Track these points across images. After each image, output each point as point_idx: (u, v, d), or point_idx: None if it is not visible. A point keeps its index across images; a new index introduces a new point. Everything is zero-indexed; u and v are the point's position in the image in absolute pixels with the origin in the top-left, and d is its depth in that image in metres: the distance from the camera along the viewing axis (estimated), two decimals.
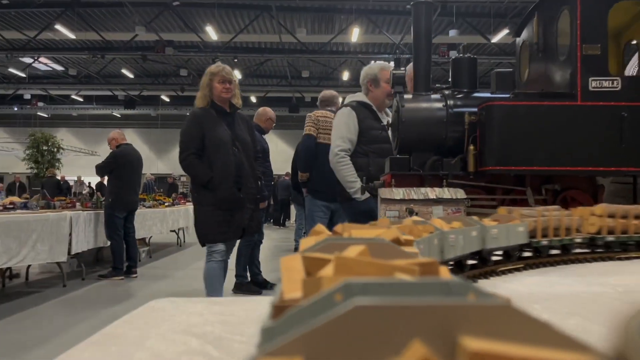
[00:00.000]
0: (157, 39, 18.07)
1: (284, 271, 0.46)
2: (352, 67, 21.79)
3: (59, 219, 5.71)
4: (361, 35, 17.47)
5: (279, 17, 16.69)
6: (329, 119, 4.52)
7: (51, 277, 6.84)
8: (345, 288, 0.33)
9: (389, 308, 0.29)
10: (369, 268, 0.42)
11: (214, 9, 16.05)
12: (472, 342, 0.27)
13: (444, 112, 2.39)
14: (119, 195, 6.61)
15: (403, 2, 14.69)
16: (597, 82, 2.15)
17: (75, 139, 28.61)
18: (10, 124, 28.37)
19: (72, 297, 5.79)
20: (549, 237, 1.45)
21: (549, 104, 2.20)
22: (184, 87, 21.98)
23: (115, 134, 6.92)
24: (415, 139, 2.41)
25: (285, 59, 19.85)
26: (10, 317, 4.89)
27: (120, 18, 17.52)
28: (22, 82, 23.22)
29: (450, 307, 0.29)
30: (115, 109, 26.67)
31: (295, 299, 0.39)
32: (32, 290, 6.11)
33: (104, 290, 6.19)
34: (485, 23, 17.17)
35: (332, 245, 0.56)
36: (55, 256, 5.62)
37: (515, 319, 0.29)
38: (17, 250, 4.95)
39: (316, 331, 0.28)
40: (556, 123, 2.19)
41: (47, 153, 21.23)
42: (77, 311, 5.20)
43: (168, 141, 27.21)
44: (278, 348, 0.28)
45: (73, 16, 16.66)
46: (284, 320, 0.33)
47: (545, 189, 2.32)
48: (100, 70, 22.00)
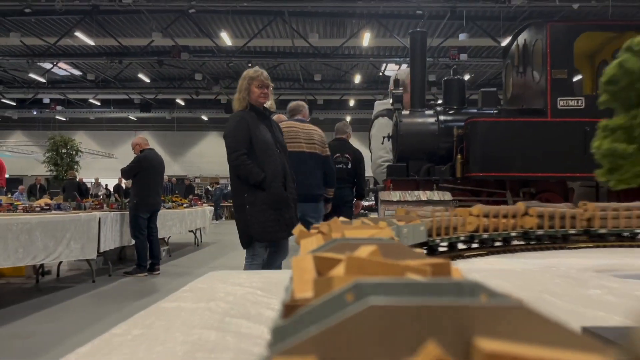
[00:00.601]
0: (172, 44, 18.62)
1: (295, 271, 0.47)
2: (364, 70, 22.16)
3: (89, 219, 6.21)
4: (372, 39, 17.87)
5: (291, 21, 17.15)
6: (295, 129, 4.70)
7: (79, 273, 7.35)
8: (356, 288, 0.33)
9: (403, 308, 0.29)
10: (380, 268, 0.42)
11: (228, 15, 16.55)
12: (486, 342, 0.27)
13: (436, 126, 2.80)
14: (142, 197, 7.09)
15: (413, 7, 15.08)
16: (564, 101, 2.54)
17: (92, 141, 29.33)
18: (29, 127, 29.22)
19: (101, 292, 6.27)
20: (441, 235, 1.78)
21: (524, 120, 2.60)
22: (199, 91, 22.51)
23: (138, 140, 7.41)
24: (411, 150, 2.83)
25: (298, 63, 20.28)
26: (46, 310, 5.36)
27: (137, 24, 18.10)
28: (41, 87, 23.96)
29: (464, 308, 0.29)
30: (131, 112, 27.33)
31: (306, 298, 0.39)
32: (63, 285, 6.60)
33: (130, 285, 6.67)
34: (496, 26, 17.46)
35: (342, 245, 0.57)
36: (86, 253, 6.11)
37: (529, 319, 0.29)
38: (54, 247, 5.44)
39: (330, 331, 0.28)
40: (530, 136, 2.59)
41: (67, 156, 21.88)
42: (107, 304, 5.67)
43: (183, 144, 27.79)
44: (291, 347, 0.28)
45: (92, 23, 17.27)
46: (295, 320, 0.33)
47: (522, 192, 2.72)
48: (117, 74, 22.66)
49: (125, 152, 30.37)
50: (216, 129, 30.73)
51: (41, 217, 5.26)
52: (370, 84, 24.33)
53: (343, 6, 15.67)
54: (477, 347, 0.27)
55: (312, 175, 4.40)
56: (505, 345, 0.26)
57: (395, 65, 20.18)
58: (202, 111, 27.50)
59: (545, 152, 2.60)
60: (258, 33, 17.96)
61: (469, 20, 16.91)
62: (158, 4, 15.03)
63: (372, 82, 24.08)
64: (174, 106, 26.95)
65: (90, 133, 30.03)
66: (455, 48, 18.30)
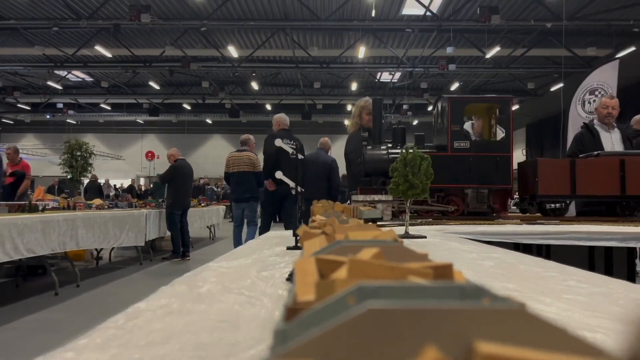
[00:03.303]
0: (182, 54, 20.59)
1: (297, 273, 0.47)
2: (360, 78, 24.11)
3: (140, 215, 8.21)
4: (367, 50, 19.85)
5: (292, 35, 19.13)
6: (238, 158, 8.01)
7: (126, 259, 9.36)
8: (358, 291, 0.33)
9: (402, 312, 0.29)
10: (383, 271, 0.43)
11: (235, 29, 18.52)
12: (486, 346, 0.27)
13: (387, 156, 4.77)
14: (176, 198, 9.10)
15: (403, 25, 17.06)
16: (457, 143, 4.52)
17: (101, 144, 31.35)
18: (42, 130, 31.28)
19: (148, 272, 8.28)
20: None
21: (436, 154, 4.58)
22: (205, 97, 24.49)
23: (173, 151, 9.41)
24: (372, 170, 4.80)
25: (298, 72, 22.23)
26: (116, 281, 7.34)
27: (150, 37, 20.08)
28: (55, 92, 25.97)
29: (465, 311, 0.30)
30: (140, 116, 29.33)
31: (309, 301, 0.40)
32: (117, 267, 8.61)
33: (168, 267, 8.68)
34: (482, 38, 19.40)
35: (345, 247, 0.58)
36: (138, 241, 8.12)
37: (530, 323, 0.29)
38: (119, 235, 7.46)
39: (329, 334, 0.29)
40: (441, 163, 4.57)
41: (81, 158, 23.85)
42: (154, 279, 7.67)
43: (189, 146, 29.72)
44: (291, 351, 0.29)
45: (109, 37, 19.24)
46: (297, 323, 0.33)
47: (437, 195, 4.70)
48: (128, 80, 24.66)
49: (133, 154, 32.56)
50: (220, 131, 32.77)
51: (113, 213, 7.28)
52: (367, 90, 26.33)
53: (340, 25, 17.60)
54: (477, 350, 0.27)
55: (248, 183, 7.88)
56: (505, 348, 0.27)
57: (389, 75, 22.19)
58: (206, 115, 29.49)
59: (449, 172, 4.60)
60: (262, 45, 19.93)
61: (456, 33, 18.85)
62: (173, 22, 17.00)
63: (368, 87, 26.08)
64: (180, 110, 28.94)
65: (99, 135, 32.05)
66: (445, 59, 20.22)
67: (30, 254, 5.19)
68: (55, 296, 5.97)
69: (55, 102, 27.47)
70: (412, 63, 20.94)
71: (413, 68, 20.81)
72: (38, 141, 31.48)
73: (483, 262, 1.70)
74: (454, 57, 20.70)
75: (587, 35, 18.04)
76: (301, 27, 18.66)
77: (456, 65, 20.33)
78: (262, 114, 29.23)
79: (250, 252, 1.98)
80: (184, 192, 9.22)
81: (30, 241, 5.13)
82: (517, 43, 19.19)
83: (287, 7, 16.93)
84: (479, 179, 4.60)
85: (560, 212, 4.78)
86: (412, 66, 20.76)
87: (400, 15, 17.42)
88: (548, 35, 17.58)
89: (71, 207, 6.65)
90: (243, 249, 2.17)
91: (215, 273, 1.42)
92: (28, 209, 5.49)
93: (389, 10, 17.25)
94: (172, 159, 9.33)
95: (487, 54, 19.26)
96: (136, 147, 33.02)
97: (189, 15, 17.24)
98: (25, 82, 25.35)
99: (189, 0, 16.29)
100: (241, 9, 17.06)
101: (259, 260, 1.73)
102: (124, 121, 30.83)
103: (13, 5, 16.57)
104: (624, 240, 3.62)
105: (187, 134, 31.70)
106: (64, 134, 28.13)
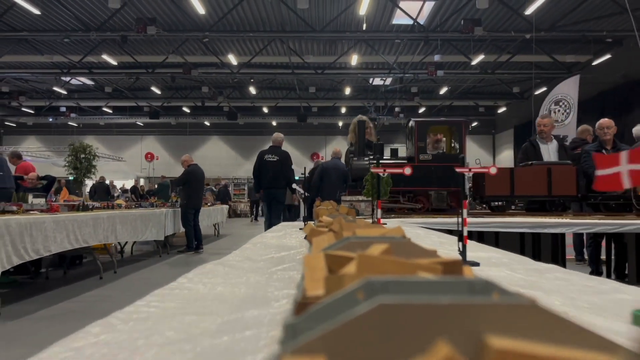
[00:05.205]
0: (183, 61, 21.96)
1: (306, 268, 0.48)
2: (354, 82, 25.56)
3: (160, 213, 9.64)
4: (360, 57, 21.29)
5: (289, 42, 20.53)
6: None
7: (145, 253, 10.78)
8: (367, 286, 0.34)
9: (413, 307, 0.30)
10: (392, 266, 0.43)
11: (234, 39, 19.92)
12: (497, 341, 0.27)
13: (368, 165, 6.21)
14: (190, 199, 10.52)
15: (392, 37, 18.51)
16: (422, 155, 5.97)
17: (101, 145, 32.64)
18: (44, 132, 32.60)
19: (166, 262, 9.69)
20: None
21: (406, 164, 6.02)
22: (204, 101, 25.93)
23: (186, 157, 10.83)
24: (357, 176, 6.24)
25: (294, 77, 23.65)
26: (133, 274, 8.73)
27: (153, 45, 21.44)
28: (59, 97, 27.30)
29: (475, 306, 0.30)
30: (140, 118, 30.70)
31: (318, 296, 0.40)
32: (139, 259, 10.02)
33: (184, 259, 10.10)
34: (468, 46, 20.86)
35: (354, 243, 0.59)
36: (159, 236, 9.55)
37: (540, 317, 0.30)
38: (145, 230, 8.88)
39: (339, 329, 0.29)
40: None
41: (85, 160, 25.19)
42: (173, 269, 9.08)
43: (187, 147, 31.04)
44: (301, 346, 0.29)
45: (114, 45, 20.59)
46: (307, 317, 0.34)
47: (408, 196, 6.15)
48: (130, 85, 26.02)
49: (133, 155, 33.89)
50: (217, 133, 34.16)
51: (141, 212, 8.69)
52: (360, 93, 27.80)
53: (334, 36, 19.00)
54: (488, 345, 0.27)
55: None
56: (516, 343, 0.27)
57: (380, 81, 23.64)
58: (204, 117, 30.88)
59: (417, 179, 6.07)
60: (259, 52, 21.31)
61: (443, 42, 20.30)
62: (177, 34, 18.40)
63: (361, 91, 27.55)
64: (180, 113, 30.32)
65: (99, 137, 33.35)
66: (433, 65, 21.67)
67: (85, 244, 6.60)
68: (99, 279, 7.39)
69: (58, 105, 28.80)
70: (402, 69, 22.38)
71: (403, 74, 22.24)
72: (40, 143, 32.79)
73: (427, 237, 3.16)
74: (442, 63, 22.22)
75: (567, 43, 19.55)
76: (297, 37, 20.08)
77: (444, 71, 21.80)
78: (259, 117, 30.68)
79: (278, 230, 3.39)
80: (196, 193, 10.65)
81: (85, 234, 6.55)
82: (502, 49, 20.66)
83: (284, 18, 18.34)
84: (440, 183, 6.07)
85: (503, 208, 6.25)
86: (403, 72, 22.19)
87: (391, 25, 18.85)
88: (530, 42, 19.07)
89: (109, 207, 8.06)
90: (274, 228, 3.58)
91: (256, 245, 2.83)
92: (82, 208, 6.90)
93: (380, 20, 18.67)
94: (185, 164, 10.75)
95: (472, 61, 20.74)
96: (136, 148, 34.38)
97: (191, 26, 18.61)
98: (30, 87, 26.68)
99: (191, 13, 17.65)
100: (240, 21, 18.47)
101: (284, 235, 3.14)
102: (124, 123, 32.16)
103: (26, 18, 17.89)
104: (547, 227, 5.07)
105: (186, 136, 33.11)
106: (66, 137, 29.54)
